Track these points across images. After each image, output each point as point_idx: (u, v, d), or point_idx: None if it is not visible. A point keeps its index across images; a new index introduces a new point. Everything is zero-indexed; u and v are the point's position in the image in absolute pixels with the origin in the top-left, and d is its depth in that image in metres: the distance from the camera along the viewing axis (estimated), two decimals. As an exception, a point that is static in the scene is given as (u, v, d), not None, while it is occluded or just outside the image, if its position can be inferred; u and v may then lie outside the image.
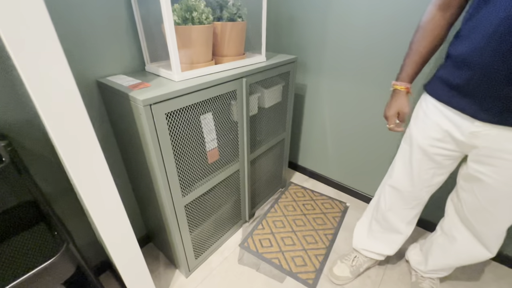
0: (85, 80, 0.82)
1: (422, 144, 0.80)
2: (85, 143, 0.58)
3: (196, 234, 1.07)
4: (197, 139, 0.90)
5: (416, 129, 0.82)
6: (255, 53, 1.14)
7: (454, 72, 0.68)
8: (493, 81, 0.60)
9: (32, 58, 0.46)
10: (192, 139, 0.88)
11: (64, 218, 0.94)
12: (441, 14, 0.71)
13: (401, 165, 0.89)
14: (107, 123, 0.93)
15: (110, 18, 0.82)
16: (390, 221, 0.98)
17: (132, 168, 0.99)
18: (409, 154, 0.85)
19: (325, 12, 1.23)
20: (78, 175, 0.59)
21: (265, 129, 1.26)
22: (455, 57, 0.67)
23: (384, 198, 0.98)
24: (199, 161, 0.94)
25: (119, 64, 0.89)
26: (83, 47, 0.79)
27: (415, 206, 0.93)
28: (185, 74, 0.83)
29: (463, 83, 0.66)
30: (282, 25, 1.42)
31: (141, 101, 0.67)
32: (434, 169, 0.82)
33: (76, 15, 0.75)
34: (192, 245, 1.06)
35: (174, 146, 0.81)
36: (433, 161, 0.81)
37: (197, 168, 0.95)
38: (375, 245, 1.06)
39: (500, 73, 0.58)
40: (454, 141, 0.74)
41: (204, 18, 0.84)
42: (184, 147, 0.86)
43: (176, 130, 0.80)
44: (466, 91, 0.66)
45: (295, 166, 1.79)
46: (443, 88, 0.72)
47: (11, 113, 0.72)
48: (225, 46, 0.97)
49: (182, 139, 0.84)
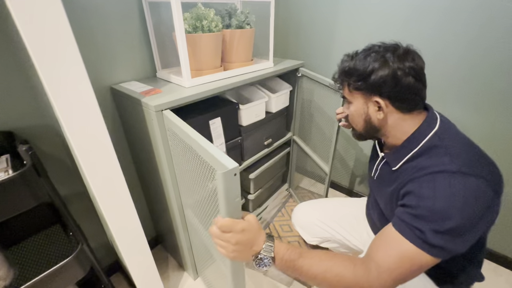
0: (99, 86, 0.86)
1: None
2: (100, 147, 0.61)
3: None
4: (206, 144, 0.92)
5: None
6: (263, 59, 1.16)
7: None
8: None
9: (54, 67, 0.49)
10: (201, 143, 0.90)
11: (78, 220, 0.97)
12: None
13: None
14: (119, 127, 0.96)
15: (124, 27, 0.86)
16: None
17: (142, 171, 1.02)
18: None
19: (333, 18, 1.25)
20: (93, 178, 0.62)
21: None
22: None
23: None
24: (207, 165, 0.96)
25: (131, 71, 0.92)
26: (98, 55, 0.83)
27: None
28: (195, 81, 0.86)
29: None
30: (289, 31, 1.44)
31: (153, 106, 0.69)
32: None
33: (92, 24, 0.79)
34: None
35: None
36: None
37: (205, 172, 0.96)
38: None
39: None
40: None
41: (213, 26, 0.86)
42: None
43: (186, 135, 0.82)
44: None
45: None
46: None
47: (32, 118, 0.76)
48: (233, 53, 0.99)
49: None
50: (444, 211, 0.47)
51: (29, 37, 0.45)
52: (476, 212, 0.47)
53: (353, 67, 0.60)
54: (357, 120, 0.65)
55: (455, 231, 0.47)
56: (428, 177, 0.51)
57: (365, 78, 0.57)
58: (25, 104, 0.74)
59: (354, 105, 0.64)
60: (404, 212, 0.52)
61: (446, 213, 0.47)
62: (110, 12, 0.81)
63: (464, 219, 0.46)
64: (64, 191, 0.89)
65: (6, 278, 0.64)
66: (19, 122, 0.74)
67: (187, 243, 1.00)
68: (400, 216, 0.53)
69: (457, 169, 0.48)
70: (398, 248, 0.50)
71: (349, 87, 0.63)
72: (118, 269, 1.16)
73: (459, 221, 0.46)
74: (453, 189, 0.47)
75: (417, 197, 0.51)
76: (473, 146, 0.55)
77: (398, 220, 0.53)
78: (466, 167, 0.49)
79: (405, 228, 0.50)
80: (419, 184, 0.52)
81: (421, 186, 0.51)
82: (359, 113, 0.63)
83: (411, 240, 0.49)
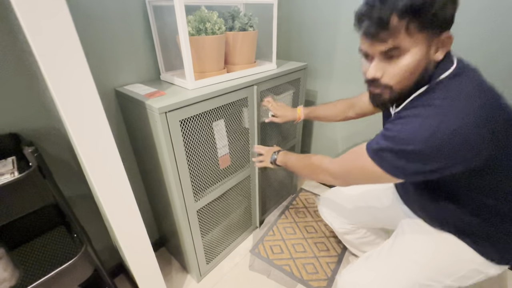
0: (104, 89, 0.87)
1: None
2: (105, 149, 0.61)
3: (207, 239, 1.08)
4: (209, 145, 0.92)
5: None
6: (266, 61, 1.16)
7: None
8: None
9: (59, 70, 0.50)
10: (205, 145, 0.90)
11: (82, 222, 0.98)
12: (346, 107, 1.01)
13: None
14: (123, 129, 0.97)
15: (128, 30, 0.87)
16: None
17: (146, 173, 1.02)
18: None
19: (335, 20, 1.25)
20: (98, 180, 0.62)
21: (275, 135, 1.27)
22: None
23: None
24: (211, 167, 0.96)
25: (135, 74, 0.93)
26: (103, 58, 0.84)
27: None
28: (198, 83, 0.86)
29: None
30: (292, 32, 1.44)
31: (157, 109, 0.70)
32: None
33: (97, 27, 0.80)
34: (204, 250, 1.07)
35: (188, 152, 0.84)
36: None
37: (209, 173, 0.96)
38: None
39: None
40: None
41: (217, 28, 0.87)
42: (197, 153, 0.88)
43: (189, 137, 0.83)
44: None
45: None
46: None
47: (37, 120, 0.77)
48: (236, 55, 0.99)
49: (195, 145, 0.86)
50: (408, 137, 0.50)
51: (37, 44, 0.46)
52: (450, 147, 0.47)
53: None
54: (412, 71, 0.52)
55: (413, 154, 0.50)
56: (413, 111, 0.53)
57: (437, 11, 0.46)
58: (30, 106, 0.75)
59: (412, 53, 0.50)
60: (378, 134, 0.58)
61: (409, 139, 0.50)
62: (115, 16, 0.82)
63: (428, 148, 0.48)
64: (68, 192, 0.89)
65: (11, 279, 0.64)
66: (25, 124, 0.75)
67: (191, 246, 0.99)
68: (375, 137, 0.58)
69: (446, 111, 0.48)
70: (358, 152, 0.60)
71: (408, 30, 0.48)
72: (121, 271, 1.16)
73: (421, 147, 0.48)
74: (431, 125, 0.48)
75: (393, 124, 0.55)
76: (480, 98, 0.49)
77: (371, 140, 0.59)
78: (460, 112, 0.47)
79: (370, 142, 0.58)
80: (404, 118, 0.54)
81: (404, 118, 0.54)
82: (419, 60, 0.50)
83: (368, 150, 0.57)
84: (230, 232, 1.21)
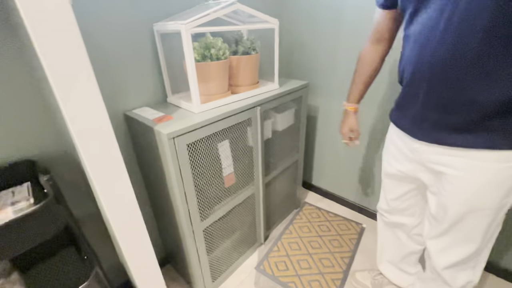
0: (114, 112, 0.90)
1: (384, 166, 0.89)
2: (114, 171, 0.64)
3: (213, 256, 1.09)
4: (215, 165, 0.95)
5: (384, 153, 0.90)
6: (269, 81, 1.20)
7: (400, 92, 0.76)
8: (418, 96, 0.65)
9: (73, 97, 0.52)
10: (210, 165, 0.93)
11: (90, 240, 1.00)
12: (374, 48, 0.83)
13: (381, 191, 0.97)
14: (131, 151, 1.00)
15: (137, 56, 0.91)
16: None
17: (153, 193, 1.05)
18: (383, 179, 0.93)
19: (335, 38, 1.29)
20: (107, 201, 0.64)
21: (279, 152, 1.30)
22: (399, 77, 0.75)
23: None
24: (216, 186, 0.99)
25: (144, 97, 0.97)
26: (113, 83, 0.88)
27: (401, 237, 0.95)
28: (204, 106, 0.89)
29: (400, 100, 0.75)
30: (293, 51, 1.49)
31: (165, 135, 0.73)
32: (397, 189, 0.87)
33: (106, 53, 0.84)
34: (210, 268, 1.08)
35: (194, 173, 0.86)
36: (393, 180, 0.86)
37: (214, 192, 0.99)
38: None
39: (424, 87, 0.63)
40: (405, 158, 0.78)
41: (221, 54, 0.91)
42: (203, 174, 0.91)
43: (195, 159, 0.86)
44: (404, 108, 0.74)
45: (309, 185, 1.80)
46: (394, 109, 0.81)
47: (50, 145, 0.80)
48: (240, 77, 1.03)
49: (201, 166, 0.89)
50: None
51: (52, 72, 0.48)
52: None
53: None
54: None
55: None
56: None
57: None
58: (45, 132, 0.78)
59: None
60: None
61: None
62: (124, 44, 0.87)
63: None
64: (77, 212, 0.92)
65: (25, 303, 0.66)
66: (39, 149, 0.78)
67: (197, 264, 1.01)
68: None
69: None
70: None
71: None
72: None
73: None
74: None
75: None
76: None
77: None
78: None
79: None
80: None
81: None
82: None
83: None
84: (235, 249, 1.22)
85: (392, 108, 0.82)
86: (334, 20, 1.26)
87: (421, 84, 0.63)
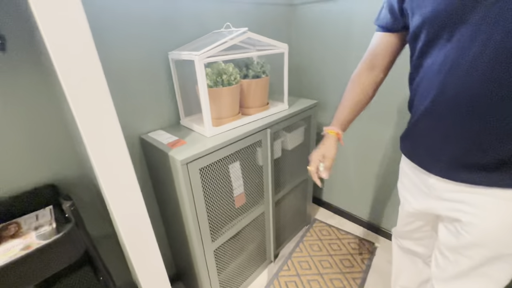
0: (130, 136, 0.94)
1: (400, 198, 0.83)
2: (130, 193, 0.66)
3: (223, 276, 1.10)
4: (225, 186, 0.96)
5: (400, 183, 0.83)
6: (278, 101, 1.22)
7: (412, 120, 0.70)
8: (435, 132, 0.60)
9: (93, 123, 0.55)
10: (222, 186, 0.95)
11: (105, 259, 1.02)
12: (367, 73, 0.76)
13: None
14: (146, 171, 1.03)
15: (152, 81, 0.95)
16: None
17: (166, 212, 1.07)
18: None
19: (344, 56, 1.31)
20: (122, 222, 0.67)
21: (288, 170, 1.31)
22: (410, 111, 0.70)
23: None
24: (227, 207, 1.00)
25: (158, 120, 1.01)
26: (129, 107, 0.92)
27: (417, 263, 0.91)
28: (215, 130, 0.92)
29: (413, 130, 0.68)
30: (302, 70, 1.51)
31: (179, 161, 0.76)
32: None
33: (124, 79, 0.88)
34: (220, 287, 1.08)
35: (206, 195, 0.88)
36: (409, 216, 0.80)
37: (225, 213, 1.00)
38: None
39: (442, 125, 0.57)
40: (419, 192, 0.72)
41: (232, 79, 0.94)
42: (214, 195, 0.93)
43: (207, 181, 0.88)
44: (418, 139, 0.68)
45: (319, 201, 1.79)
46: (405, 139, 0.74)
47: (71, 168, 0.84)
48: (250, 99, 1.06)
49: (212, 188, 0.91)
50: None
51: (75, 101, 0.52)
52: None
53: None
54: None
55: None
56: None
57: None
58: (65, 156, 0.83)
59: None
60: None
61: None
62: (141, 70, 0.91)
63: None
64: (94, 232, 0.95)
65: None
66: (60, 172, 0.83)
67: (207, 283, 1.01)
68: None
69: None
70: None
71: None
72: (140, 306, 1.18)
73: None
74: None
75: None
76: None
77: None
78: None
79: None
80: None
81: None
82: None
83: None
84: (246, 268, 1.22)
85: (401, 137, 0.75)
86: (343, 41, 1.28)
87: (443, 115, 0.56)
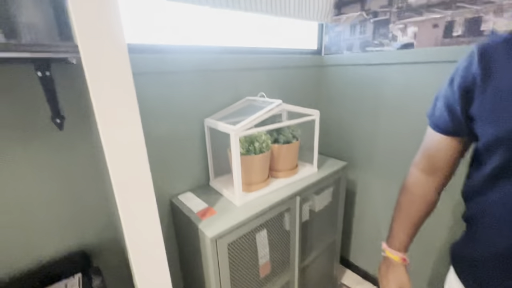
0: (160, 199, 0.96)
1: None
2: (157, 260, 0.64)
3: None
4: (251, 256, 0.92)
5: None
6: (307, 162, 1.21)
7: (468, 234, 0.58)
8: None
9: (129, 191, 0.56)
10: (247, 257, 0.91)
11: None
12: (426, 179, 0.64)
13: None
14: (172, 234, 1.03)
15: (186, 144, 0.99)
16: None
17: (189, 279, 1.04)
18: None
19: (374, 115, 1.29)
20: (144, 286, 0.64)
21: (316, 233, 1.24)
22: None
23: None
24: (251, 277, 0.95)
25: (188, 182, 1.03)
26: (162, 170, 0.95)
27: None
28: (245, 197, 0.91)
29: (472, 248, 0.56)
30: (331, 129, 1.51)
31: (209, 238, 0.74)
32: None
33: (158, 145, 0.92)
34: None
35: (232, 269, 0.85)
36: None
37: (249, 285, 0.95)
38: None
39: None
40: None
41: (264, 146, 0.95)
42: (240, 268, 0.89)
43: (234, 255, 0.85)
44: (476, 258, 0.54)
45: (347, 262, 1.66)
46: (458, 254, 0.60)
47: (102, 233, 0.86)
48: (280, 163, 1.06)
49: (238, 259, 0.87)
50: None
51: (113, 169, 0.53)
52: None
53: None
54: None
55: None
56: None
57: None
58: (98, 221, 0.85)
59: None
60: None
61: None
62: (176, 133, 0.95)
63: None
64: (116, 296, 0.93)
65: None
66: (91, 238, 0.84)
67: None
68: None
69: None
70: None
71: None
72: None
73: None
74: None
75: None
76: None
77: None
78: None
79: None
80: None
81: None
82: None
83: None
84: None
85: (452, 248, 0.62)
86: (373, 101, 1.28)
87: None
